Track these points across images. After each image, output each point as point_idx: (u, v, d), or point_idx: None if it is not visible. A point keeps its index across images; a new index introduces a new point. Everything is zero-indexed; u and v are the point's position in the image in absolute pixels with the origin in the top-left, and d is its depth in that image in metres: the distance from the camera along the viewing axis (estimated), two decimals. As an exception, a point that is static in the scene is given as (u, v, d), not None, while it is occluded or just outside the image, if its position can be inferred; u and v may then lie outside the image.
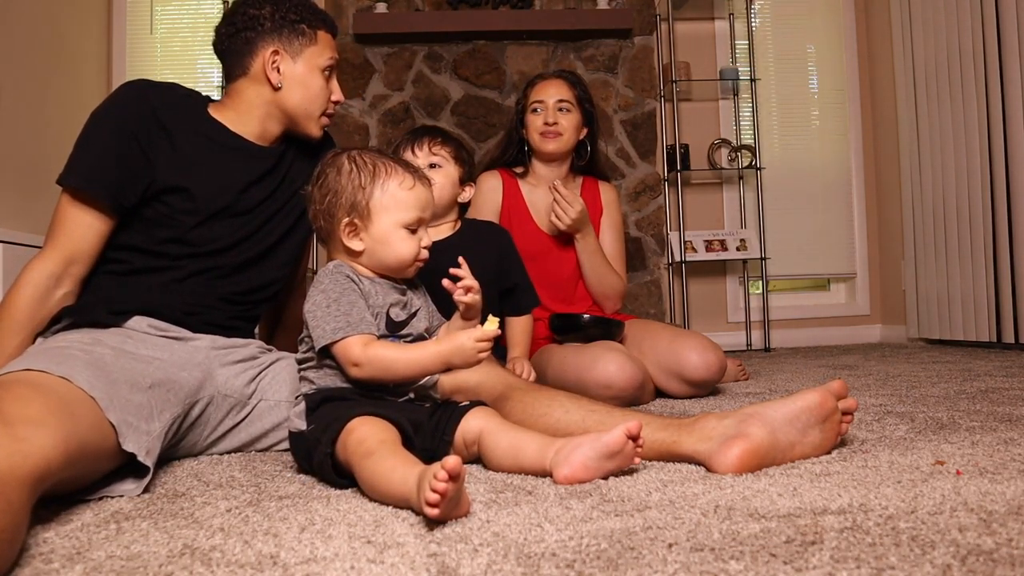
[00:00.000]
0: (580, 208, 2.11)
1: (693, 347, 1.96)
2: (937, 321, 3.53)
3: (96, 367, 1.07)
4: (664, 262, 3.85)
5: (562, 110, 2.19)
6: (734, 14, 4.01)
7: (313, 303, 1.15)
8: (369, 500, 0.96)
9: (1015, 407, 1.55)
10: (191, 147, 1.37)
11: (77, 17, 3.45)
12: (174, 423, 1.17)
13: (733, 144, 3.95)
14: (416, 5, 3.80)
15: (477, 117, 3.80)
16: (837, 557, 0.68)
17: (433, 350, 1.12)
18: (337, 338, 1.11)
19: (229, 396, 1.34)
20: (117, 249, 1.36)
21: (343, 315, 1.12)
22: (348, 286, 1.16)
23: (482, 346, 1.10)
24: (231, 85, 1.46)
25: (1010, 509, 0.82)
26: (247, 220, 1.42)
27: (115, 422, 1.01)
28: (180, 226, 1.35)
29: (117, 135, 1.32)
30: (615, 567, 0.68)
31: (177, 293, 1.36)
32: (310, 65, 1.44)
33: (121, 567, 0.72)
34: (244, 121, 1.44)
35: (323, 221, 1.22)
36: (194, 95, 1.46)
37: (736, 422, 1.07)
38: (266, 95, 1.43)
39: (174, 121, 1.36)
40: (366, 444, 0.99)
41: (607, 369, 1.84)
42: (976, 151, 3.24)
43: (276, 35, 1.42)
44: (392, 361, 1.12)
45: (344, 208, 1.19)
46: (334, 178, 1.20)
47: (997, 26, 3.11)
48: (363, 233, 1.20)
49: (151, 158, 1.33)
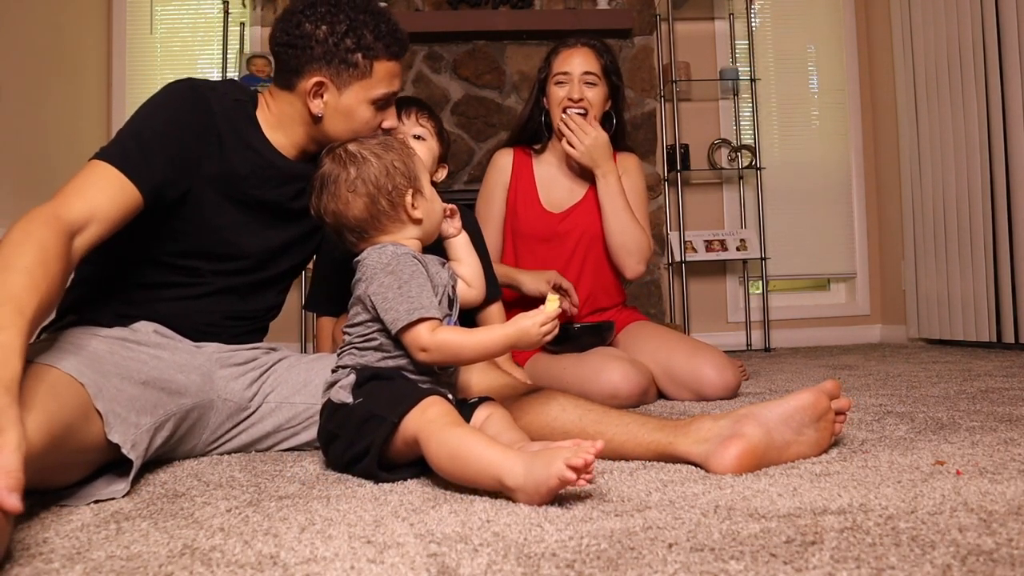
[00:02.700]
0: (595, 134, 1.98)
1: (713, 364, 1.92)
2: (937, 321, 3.53)
3: (87, 358, 1.06)
4: (664, 262, 3.85)
5: (588, 84, 2.05)
6: (734, 14, 4.01)
7: (382, 285, 1.14)
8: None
9: (1015, 407, 1.55)
10: (237, 159, 1.31)
11: (77, 17, 3.45)
12: (167, 421, 1.15)
13: (733, 144, 3.95)
14: (416, 5, 3.80)
15: (477, 117, 3.80)
16: (837, 557, 0.68)
17: (500, 334, 1.12)
18: (413, 319, 1.11)
19: (229, 400, 1.32)
20: (132, 260, 1.29)
21: (415, 298, 1.12)
22: (417, 268, 1.16)
23: (547, 328, 1.11)
24: (277, 89, 1.35)
25: (1010, 509, 0.82)
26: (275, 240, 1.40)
27: (103, 410, 0.99)
28: (210, 239, 1.31)
29: (171, 129, 1.23)
30: (615, 567, 0.68)
31: (190, 310, 1.33)
32: (358, 98, 1.31)
33: (121, 567, 0.72)
34: (283, 132, 1.36)
35: (385, 203, 1.20)
36: (243, 99, 1.36)
37: (731, 423, 1.08)
38: (306, 117, 1.33)
39: (227, 129, 1.30)
40: (449, 419, 1.01)
41: (612, 379, 1.82)
42: (976, 151, 3.24)
43: (325, 64, 1.28)
44: (460, 347, 1.13)
45: (406, 180, 1.21)
46: (376, 162, 1.21)
47: (997, 26, 3.11)
48: (421, 200, 1.23)
49: (199, 163, 1.26)
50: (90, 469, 1.02)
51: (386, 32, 1.32)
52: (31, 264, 0.94)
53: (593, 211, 2.14)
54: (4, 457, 0.71)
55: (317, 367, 1.39)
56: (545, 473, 0.87)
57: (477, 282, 1.35)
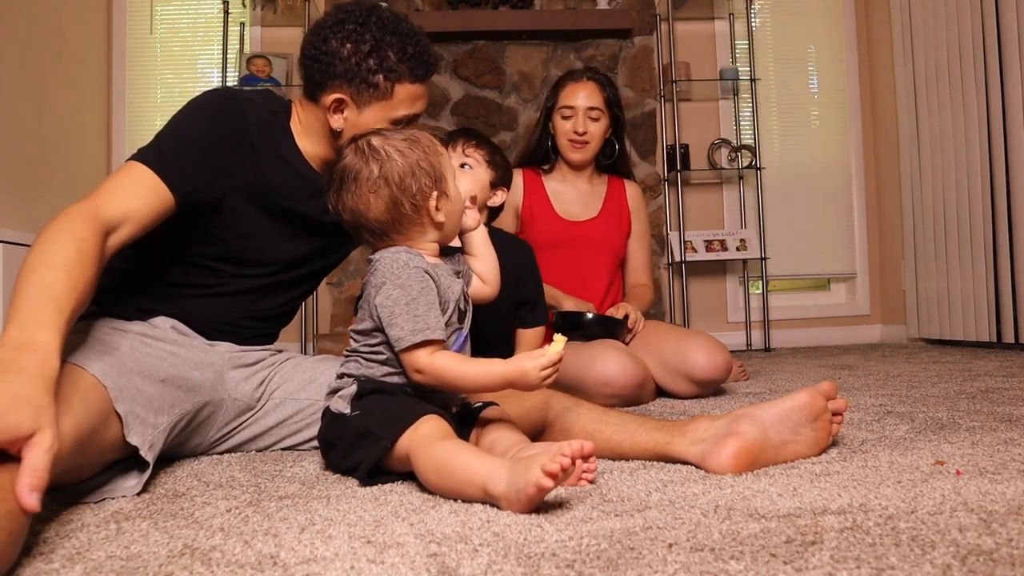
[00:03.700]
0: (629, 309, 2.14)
1: (700, 347, 1.96)
2: (937, 321, 3.53)
3: (112, 358, 1.08)
4: (664, 262, 3.85)
5: (592, 118, 2.20)
6: (734, 14, 4.01)
7: (389, 298, 1.11)
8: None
9: (1015, 407, 1.55)
10: (270, 170, 1.32)
11: (77, 17, 3.44)
12: (181, 420, 1.18)
13: (733, 144, 3.95)
14: (416, 5, 3.80)
15: (477, 117, 3.80)
16: (837, 557, 0.68)
17: (498, 372, 1.09)
18: (417, 340, 1.08)
19: (239, 400, 1.34)
20: (158, 258, 1.31)
21: (421, 317, 1.09)
22: (427, 284, 1.12)
23: (546, 373, 1.07)
24: (304, 100, 1.37)
25: (1010, 509, 0.82)
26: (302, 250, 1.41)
27: (122, 413, 1.01)
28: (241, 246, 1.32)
29: (208, 137, 1.25)
30: (615, 567, 0.68)
31: (208, 308, 1.34)
32: (378, 118, 1.31)
33: (121, 567, 0.72)
34: (311, 143, 1.37)
35: (408, 206, 1.15)
36: (277, 110, 1.37)
37: (727, 422, 1.09)
38: (327, 128, 1.34)
39: (260, 139, 1.30)
40: (439, 434, 1.01)
41: (607, 367, 1.84)
42: (976, 151, 3.24)
43: (346, 82, 1.28)
44: (455, 376, 1.10)
45: (431, 180, 1.16)
46: (401, 160, 1.15)
47: (997, 26, 3.11)
48: (445, 203, 1.18)
49: (233, 172, 1.27)
50: (102, 467, 1.03)
51: (412, 55, 1.30)
52: (70, 262, 0.96)
53: (609, 226, 2.30)
54: (34, 456, 0.73)
55: (323, 366, 1.41)
56: (524, 481, 0.85)
57: (492, 278, 1.30)
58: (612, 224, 2.31)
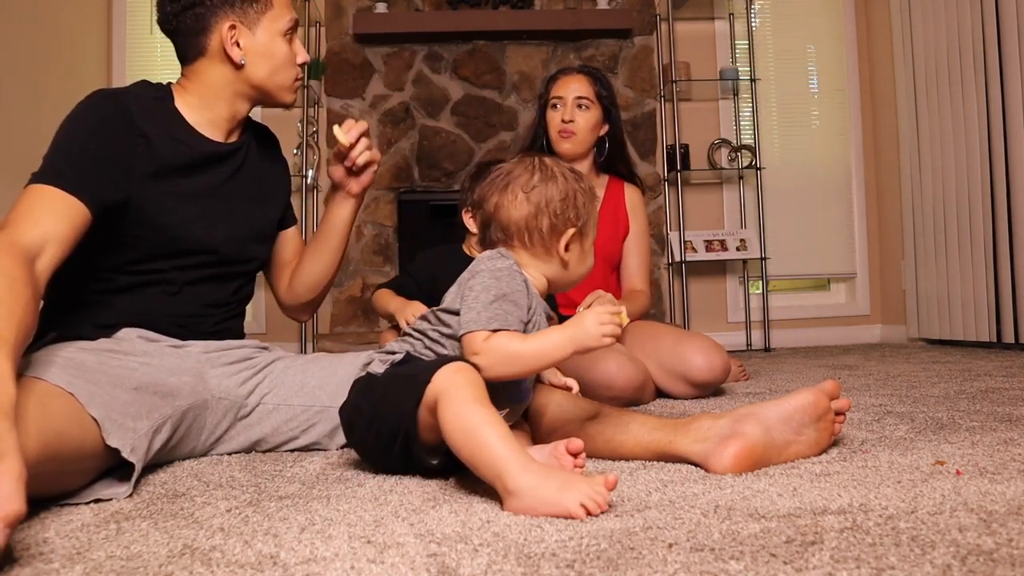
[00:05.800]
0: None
1: (697, 348, 1.96)
2: (937, 321, 3.53)
3: (75, 369, 1.06)
4: (664, 262, 3.85)
5: (580, 107, 2.18)
6: (734, 14, 4.01)
7: (483, 285, 1.07)
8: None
9: (1015, 407, 1.55)
10: (168, 152, 1.31)
11: (77, 17, 3.45)
12: (164, 424, 1.15)
13: (733, 144, 3.95)
14: (416, 5, 3.80)
15: (477, 117, 3.80)
16: (837, 557, 0.68)
17: (558, 336, 1.04)
18: (490, 327, 1.04)
19: (224, 398, 1.32)
20: (99, 271, 1.30)
21: (500, 316, 1.04)
22: (523, 293, 1.09)
23: (606, 329, 1.02)
24: (189, 67, 1.38)
25: (1010, 509, 0.82)
26: (226, 220, 1.39)
27: (97, 417, 0.99)
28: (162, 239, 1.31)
29: (95, 139, 1.24)
30: (615, 567, 0.68)
31: (168, 307, 1.33)
32: (271, 32, 1.36)
33: (121, 567, 0.72)
34: (211, 107, 1.37)
35: (546, 223, 1.12)
36: (161, 93, 1.37)
37: (731, 422, 1.08)
38: (230, 75, 1.36)
39: (150, 127, 1.30)
40: (476, 391, 0.96)
41: (608, 369, 1.84)
42: (976, 151, 3.24)
43: (229, 7, 1.33)
44: (516, 353, 1.03)
45: (576, 216, 1.14)
46: (563, 183, 1.14)
47: (997, 26, 3.11)
48: (576, 245, 1.15)
49: (131, 166, 1.27)
50: (90, 476, 1.02)
51: None
52: (1, 292, 0.93)
53: (603, 230, 2.23)
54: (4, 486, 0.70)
55: (312, 368, 1.39)
56: (555, 498, 0.84)
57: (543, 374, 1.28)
58: (607, 228, 2.26)
